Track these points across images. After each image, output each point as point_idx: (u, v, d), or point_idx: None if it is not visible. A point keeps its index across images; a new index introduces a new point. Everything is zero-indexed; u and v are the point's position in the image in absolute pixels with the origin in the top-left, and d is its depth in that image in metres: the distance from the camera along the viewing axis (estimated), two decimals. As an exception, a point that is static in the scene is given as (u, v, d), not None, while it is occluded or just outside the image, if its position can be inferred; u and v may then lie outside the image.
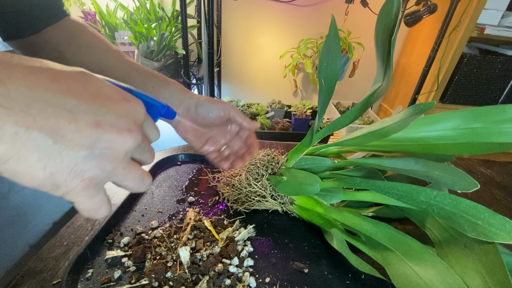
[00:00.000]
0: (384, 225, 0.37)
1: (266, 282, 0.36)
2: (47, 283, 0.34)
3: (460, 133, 0.36)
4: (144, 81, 0.39)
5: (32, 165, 0.16)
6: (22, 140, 0.15)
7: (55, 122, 0.16)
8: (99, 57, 0.39)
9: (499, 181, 0.65)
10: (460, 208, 0.31)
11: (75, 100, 0.17)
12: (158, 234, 0.41)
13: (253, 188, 0.45)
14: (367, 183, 0.37)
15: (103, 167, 0.18)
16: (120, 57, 0.40)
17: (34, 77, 0.16)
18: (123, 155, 0.19)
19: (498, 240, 0.28)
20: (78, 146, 0.17)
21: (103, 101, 0.18)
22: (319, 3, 1.41)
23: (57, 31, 0.38)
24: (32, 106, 0.15)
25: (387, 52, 0.39)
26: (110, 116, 0.18)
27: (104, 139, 0.17)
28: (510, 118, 0.33)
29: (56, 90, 0.16)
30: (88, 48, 0.39)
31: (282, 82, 1.60)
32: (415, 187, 0.33)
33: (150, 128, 0.22)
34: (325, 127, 0.44)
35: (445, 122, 0.37)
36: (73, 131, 0.16)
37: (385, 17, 0.38)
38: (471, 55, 1.23)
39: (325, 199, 0.43)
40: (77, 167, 0.17)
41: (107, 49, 0.40)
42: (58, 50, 0.38)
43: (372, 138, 0.38)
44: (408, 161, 0.40)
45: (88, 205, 0.19)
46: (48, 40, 0.37)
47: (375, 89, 0.41)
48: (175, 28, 1.16)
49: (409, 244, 0.34)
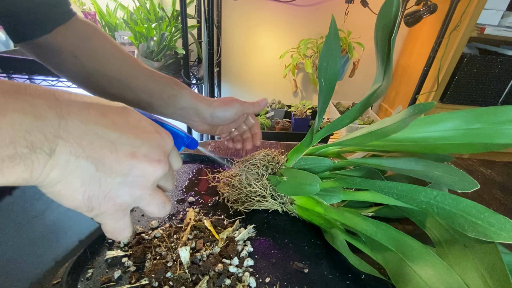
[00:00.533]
0: (384, 225, 0.37)
1: (266, 282, 0.36)
2: (47, 283, 0.34)
3: (460, 133, 0.36)
4: (161, 91, 0.41)
5: (75, 189, 0.18)
6: (71, 167, 0.17)
7: (100, 152, 0.18)
8: (114, 64, 0.40)
9: (499, 181, 0.65)
10: (460, 207, 0.31)
11: (118, 132, 0.19)
12: (158, 234, 0.41)
13: (253, 188, 0.45)
14: (367, 183, 0.37)
15: (133, 193, 0.20)
16: (135, 64, 0.41)
17: (87, 112, 0.18)
18: (151, 183, 0.21)
19: (499, 240, 0.28)
20: (115, 174, 0.19)
21: (140, 133, 0.20)
22: (319, 3, 1.41)
23: (70, 33, 0.38)
24: (83, 138, 0.18)
25: (386, 52, 0.39)
26: (145, 147, 0.20)
27: (138, 168, 0.20)
28: (510, 119, 0.33)
29: (103, 124, 0.19)
30: (103, 54, 0.39)
31: (282, 82, 1.60)
32: (415, 187, 0.33)
33: (175, 157, 0.25)
34: (325, 127, 0.44)
35: (445, 123, 0.37)
36: (112, 160, 0.19)
37: (384, 17, 0.38)
38: (471, 55, 1.23)
39: (325, 199, 0.43)
40: (111, 193, 0.19)
41: (121, 56, 0.41)
42: (74, 56, 0.38)
43: (372, 138, 0.38)
44: (408, 161, 0.40)
45: (114, 227, 0.21)
46: (62, 44, 0.37)
47: (375, 89, 0.41)
48: (175, 28, 1.16)
49: (409, 244, 0.34)
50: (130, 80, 0.40)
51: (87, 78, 0.40)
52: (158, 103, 0.41)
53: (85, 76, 0.40)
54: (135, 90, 0.40)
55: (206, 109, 0.42)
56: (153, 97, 0.41)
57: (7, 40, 1.04)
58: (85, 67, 0.39)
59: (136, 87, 0.40)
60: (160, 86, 0.41)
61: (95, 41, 0.39)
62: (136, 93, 0.40)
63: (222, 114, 0.42)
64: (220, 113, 0.42)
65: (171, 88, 0.41)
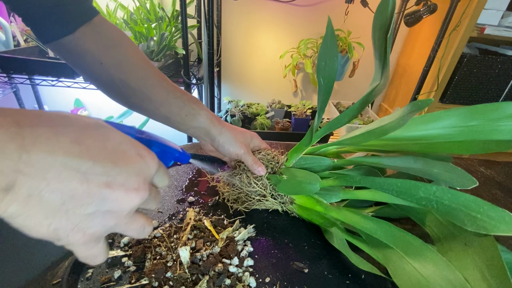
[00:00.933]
0: (384, 222, 0.37)
1: (266, 282, 0.36)
2: (47, 283, 0.34)
3: (458, 131, 0.36)
4: (180, 108, 0.42)
5: (38, 222, 0.17)
6: (33, 202, 0.16)
7: (68, 184, 0.17)
8: (139, 75, 0.40)
9: (499, 181, 0.65)
10: (459, 202, 0.31)
11: (91, 161, 0.18)
12: (158, 234, 0.41)
13: (253, 188, 0.45)
14: (366, 180, 0.37)
15: (106, 223, 0.19)
16: (159, 76, 0.42)
17: (56, 140, 0.17)
18: (127, 212, 0.20)
19: (498, 233, 0.28)
20: (86, 205, 0.18)
21: (118, 160, 0.19)
22: (319, 3, 1.41)
23: (96, 36, 0.38)
24: (49, 171, 0.16)
25: (384, 50, 0.39)
26: (121, 176, 0.19)
27: (112, 198, 0.18)
28: (505, 116, 0.33)
29: (75, 153, 0.17)
30: (128, 64, 0.40)
31: (282, 82, 1.60)
32: (414, 183, 0.34)
33: (161, 177, 0.23)
34: (325, 125, 0.44)
35: (442, 121, 0.37)
36: (83, 192, 0.17)
37: (381, 16, 0.39)
38: (471, 55, 1.23)
39: (325, 198, 0.43)
40: (80, 224, 0.18)
41: (146, 66, 0.41)
42: (100, 62, 0.38)
43: (371, 136, 0.38)
44: (406, 159, 0.40)
45: (86, 254, 0.20)
46: (88, 48, 0.37)
47: (373, 87, 0.42)
48: (175, 28, 1.16)
49: (409, 241, 0.34)
50: (153, 93, 0.41)
51: (111, 86, 0.40)
52: (176, 119, 0.42)
53: (110, 84, 0.40)
54: (155, 103, 0.41)
55: (216, 135, 0.43)
56: (172, 113, 0.42)
57: (7, 40, 1.04)
58: (111, 75, 0.39)
59: (157, 101, 0.41)
60: (180, 103, 0.42)
61: (121, 50, 0.39)
62: (156, 106, 0.41)
63: (227, 148, 0.43)
64: (226, 147, 0.43)
65: (191, 107, 0.42)
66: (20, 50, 1.05)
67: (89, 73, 0.40)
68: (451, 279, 0.29)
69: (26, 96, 1.42)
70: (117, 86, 0.40)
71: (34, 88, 1.42)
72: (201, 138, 0.45)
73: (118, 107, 1.51)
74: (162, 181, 0.23)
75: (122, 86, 0.40)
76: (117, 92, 0.41)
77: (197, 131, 0.43)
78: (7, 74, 1.04)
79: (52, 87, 1.07)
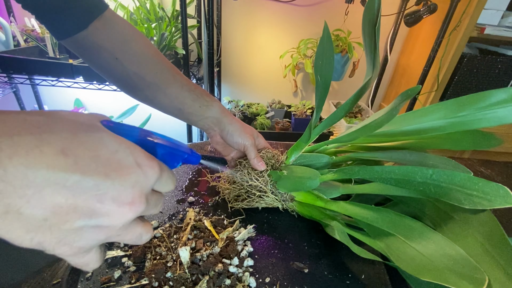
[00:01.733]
0: (384, 209, 0.38)
1: (266, 282, 0.36)
2: (47, 283, 0.34)
3: (448, 122, 0.37)
4: (194, 100, 0.43)
5: (19, 236, 0.15)
6: (11, 219, 0.15)
7: (50, 201, 0.15)
8: (154, 69, 0.41)
9: (499, 181, 0.65)
10: (455, 182, 0.32)
11: (79, 175, 0.16)
12: (158, 234, 0.41)
13: (254, 183, 0.45)
14: (365, 170, 0.38)
15: (96, 237, 0.18)
16: (172, 70, 0.43)
17: (39, 152, 0.15)
18: (120, 227, 0.18)
19: (495, 206, 0.29)
20: (71, 221, 0.16)
21: (110, 172, 0.17)
22: (319, 3, 1.41)
23: (109, 32, 0.38)
24: (29, 187, 0.14)
25: (373, 43, 0.42)
26: (113, 189, 0.17)
27: (102, 213, 0.17)
28: (491, 104, 0.34)
29: (60, 166, 0.15)
30: (143, 58, 0.41)
31: (282, 82, 1.60)
32: (411, 168, 0.34)
33: (164, 183, 0.21)
34: (323, 121, 0.45)
35: (433, 114, 0.39)
36: (68, 208, 0.16)
37: (369, 13, 0.42)
38: (471, 55, 1.23)
39: (325, 194, 0.44)
40: (66, 239, 0.17)
41: (160, 61, 0.42)
42: (115, 58, 0.39)
43: (367, 130, 0.39)
44: (402, 153, 0.42)
45: (76, 263, 0.19)
46: (102, 43, 0.38)
47: (366, 81, 0.44)
48: (175, 28, 1.16)
49: (410, 225, 0.35)
50: (167, 86, 0.42)
51: (127, 81, 0.41)
52: (189, 110, 0.43)
53: (125, 79, 0.41)
54: (170, 96, 0.42)
55: (227, 124, 0.44)
56: (185, 105, 0.43)
57: (7, 40, 1.04)
58: (126, 69, 0.40)
59: (171, 94, 0.42)
60: (194, 96, 0.43)
61: (135, 44, 0.40)
62: (170, 99, 0.42)
63: (234, 138, 0.44)
64: (234, 136, 0.44)
65: (204, 99, 0.43)
66: (20, 50, 1.05)
67: (105, 69, 0.41)
68: (453, 255, 0.30)
69: (26, 96, 1.42)
70: (132, 80, 0.41)
71: (34, 88, 1.42)
72: (211, 129, 0.46)
73: (118, 107, 1.51)
74: (166, 186, 0.21)
75: (137, 80, 0.41)
76: (132, 87, 0.42)
77: (209, 121, 0.45)
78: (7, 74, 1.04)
79: (52, 87, 1.07)
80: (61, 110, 0.18)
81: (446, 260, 0.30)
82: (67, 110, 0.18)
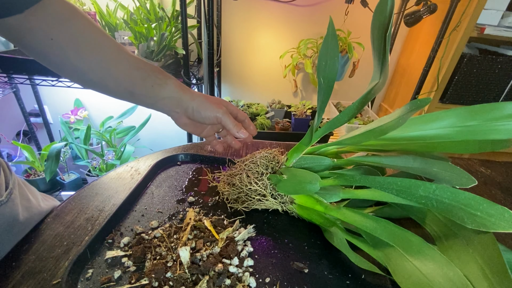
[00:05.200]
0: (384, 221, 0.37)
1: (266, 282, 0.36)
2: (47, 283, 0.34)
3: (456, 131, 0.36)
4: (144, 79, 0.39)
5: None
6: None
7: None
8: (95, 48, 0.37)
9: (499, 181, 0.65)
10: (459, 200, 0.31)
11: None
12: (158, 234, 0.41)
13: (253, 187, 0.45)
14: (366, 179, 0.37)
15: None
16: (118, 49, 0.38)
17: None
18: None
19: (498, 230, 0.28)
20: None
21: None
22: (319, 3, 1.41)
23: (45, 13, 0.34)
24: None
25: (383, 49, 0.39)
26: None
27: None
28: (504, 116, 0.33)
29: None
30: (82, 37, 0.36)
31: (282, 82, 1.60)
32: (414, 181, 0.34)
33: None
34: (325, 125, 0.44)
35: (441, 121, 0.37)
36: None
37: (380, 15, 0.39)
38: (471, 55, 1.23)
39: (325, 198, 0.43)
40: None
41: (103, 39, 0.38)
42: (50, 38, 0.35)
43: (371, 136, 0.38)
44: (406, 159, 0.41)
45: None
46: (35, 25, 0.34)
47: (372, 86, 0.42)
48: (175, 28, 1.16)
49: (409, 239, 0.34)
50: (112, 66, 0.38)
51: (65, 64, 0.37)
52: (141, 91, 0.39)
53: (63, 61, 0.37)
54: (117, 78, 0.38)
55: (189, 102, 0.41)
56: (136, 86, 0.39)
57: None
58: (63, 50, 0.36)
59: (118, 74, 0.38)
60: (143, 74, 0.39)
61: (73, 23, 0.36)
62: (117, 80, 0.38)
63: (203, 112, 0.41)
64: (202, 111, 0.41)
65: (156, 77, 0.40)
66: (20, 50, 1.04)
67: (40, 52, 0.36)
68: (451, 277, 0.29)
69: (26, 96, 1.41)
70: (72, 62, 0.37)
71: (34, 88, 1.42)
72: (173, 111, 0.42)
73: (118, 107, 1.51)
74: None
75: (78, 62, 0.37)
76: (72, 70, 0.38)
77: (167, 102, 0.41)
78: (7, 74, 1.04)
79: (52, 87, 1.07)
80: None
81: (444, 281, 0.29)
82: None
